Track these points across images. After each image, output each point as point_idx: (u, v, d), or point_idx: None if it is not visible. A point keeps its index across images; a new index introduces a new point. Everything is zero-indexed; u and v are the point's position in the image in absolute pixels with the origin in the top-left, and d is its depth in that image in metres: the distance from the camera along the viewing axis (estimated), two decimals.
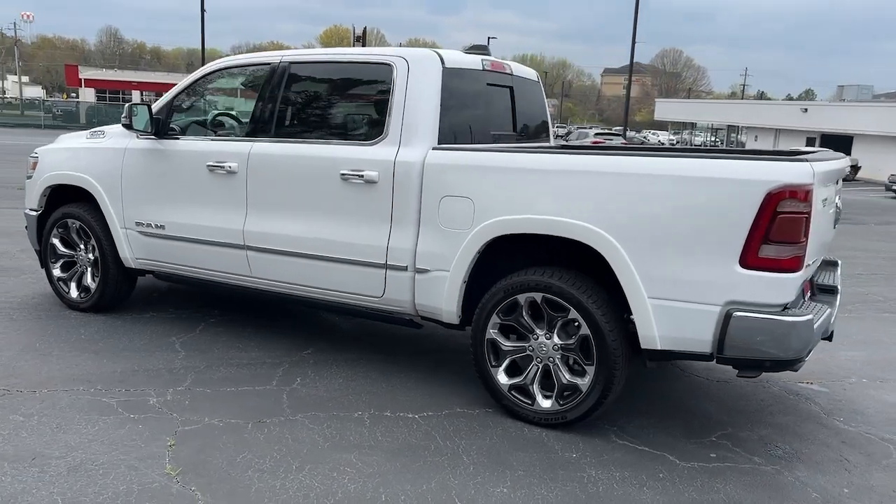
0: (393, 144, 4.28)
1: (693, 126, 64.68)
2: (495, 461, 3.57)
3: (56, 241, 5.74)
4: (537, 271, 3.94)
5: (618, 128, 49.61)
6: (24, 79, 69.72)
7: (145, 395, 4.14)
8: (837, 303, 4.32)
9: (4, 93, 64.66)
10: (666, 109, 63.17)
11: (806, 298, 4.10)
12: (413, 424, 3.94)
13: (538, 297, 3.91)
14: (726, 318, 3.46)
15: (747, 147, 42.68)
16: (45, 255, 5.84)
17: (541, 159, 3.97)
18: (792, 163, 3.43)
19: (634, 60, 37.55)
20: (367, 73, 4.57)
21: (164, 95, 5.33)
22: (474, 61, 4.73)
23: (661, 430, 4.03)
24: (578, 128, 36.74)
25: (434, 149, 4.22)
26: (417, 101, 4.28)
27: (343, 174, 4.37)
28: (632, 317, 3.67)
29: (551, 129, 5.75)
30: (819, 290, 4.40)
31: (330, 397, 4.25)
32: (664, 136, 67.42)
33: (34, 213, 5.84)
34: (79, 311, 5.66)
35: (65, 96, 56.86)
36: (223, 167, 4.81)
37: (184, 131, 5.26)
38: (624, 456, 3.71)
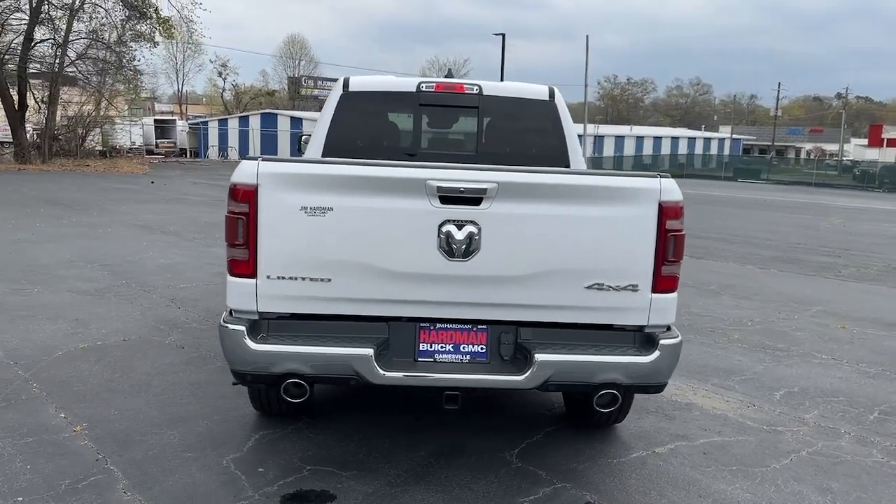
0: None
1: None
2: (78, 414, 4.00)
3: None
4: None
5: None
6: (860, 141, 71.17)
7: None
8: (531, 371, 3.05)
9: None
10: None
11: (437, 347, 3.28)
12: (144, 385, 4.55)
13: None
14: None
15: None
16: None
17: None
18: (255, 161, 3.09)
19: None
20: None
21: None
22: (403, 84, 4.91)
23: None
24: None
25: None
26: (319, 121, 4.97)
27: None
28: None
29: (572, 150, 4.94)
30: (521, 352, 3.23)
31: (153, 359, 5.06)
32: None
33: None
34: None
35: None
36: None
37: None
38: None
